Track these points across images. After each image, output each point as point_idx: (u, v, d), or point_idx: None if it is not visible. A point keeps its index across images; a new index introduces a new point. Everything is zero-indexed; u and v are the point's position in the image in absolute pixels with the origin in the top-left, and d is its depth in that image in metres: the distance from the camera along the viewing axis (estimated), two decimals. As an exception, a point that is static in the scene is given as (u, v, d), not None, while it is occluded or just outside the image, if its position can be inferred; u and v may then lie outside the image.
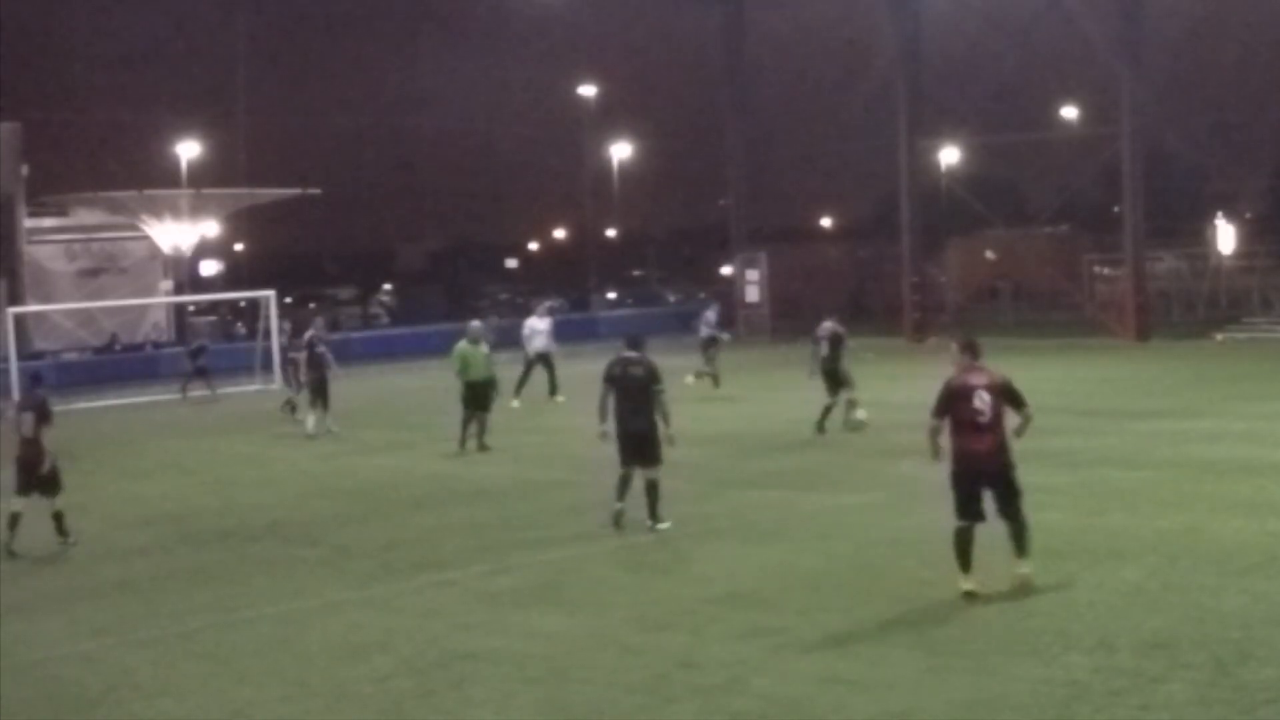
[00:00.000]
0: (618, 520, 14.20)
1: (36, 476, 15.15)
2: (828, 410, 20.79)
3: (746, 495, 15.56)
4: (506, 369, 21.64)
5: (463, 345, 21.20)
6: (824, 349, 21.14)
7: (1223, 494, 14.64)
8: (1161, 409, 22.35)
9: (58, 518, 15.28)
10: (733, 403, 24.33)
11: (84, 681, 10.15)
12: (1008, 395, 11.10)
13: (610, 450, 14.03)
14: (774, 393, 26.04)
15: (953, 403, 11.02)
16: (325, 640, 10.78)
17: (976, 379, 11.06)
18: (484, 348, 21.16)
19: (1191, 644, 9.39)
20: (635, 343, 14.60)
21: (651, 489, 14.15)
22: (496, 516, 15.66)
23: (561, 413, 24.53)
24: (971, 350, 11.26)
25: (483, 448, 20.56)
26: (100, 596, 12.76)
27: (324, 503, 17.37)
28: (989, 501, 11.13)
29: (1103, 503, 14.48)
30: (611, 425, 14.36)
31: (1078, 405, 23.39)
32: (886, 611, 10.63)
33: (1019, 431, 11.23)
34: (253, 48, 57.71)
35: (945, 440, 11.20)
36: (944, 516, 14.24)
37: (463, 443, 20.73)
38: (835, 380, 20.98)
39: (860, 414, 21.01)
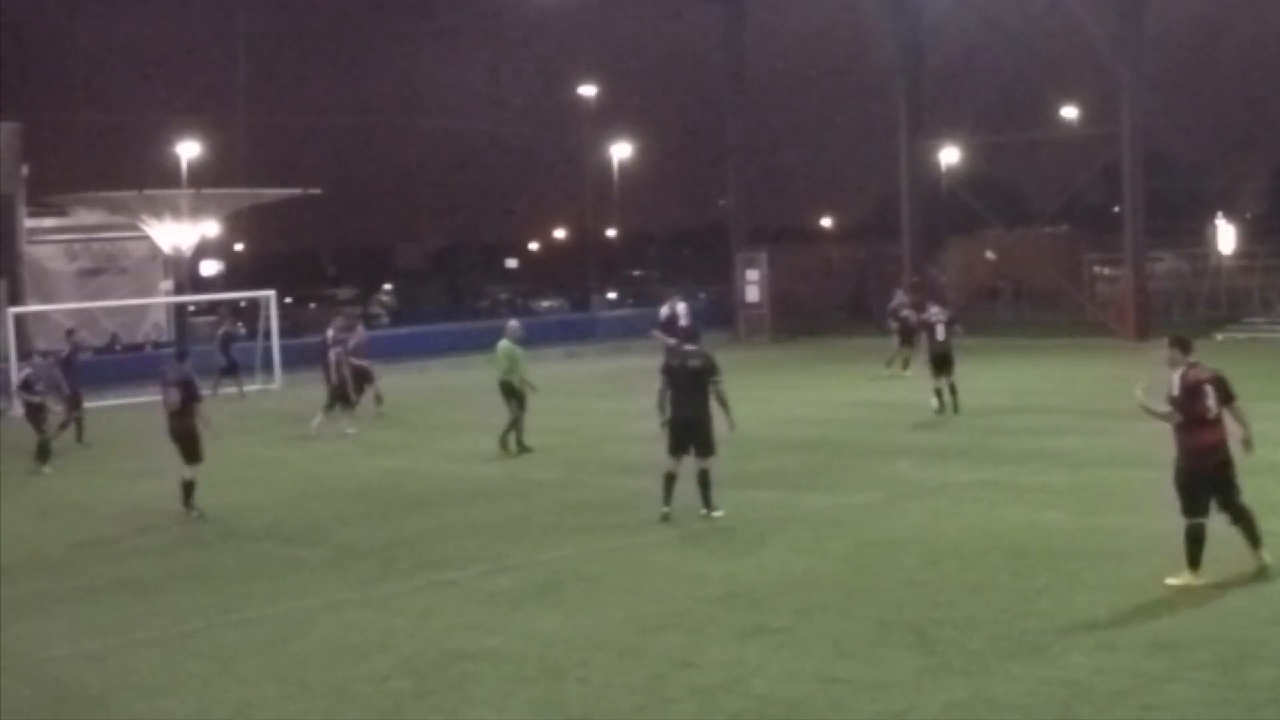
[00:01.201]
0: (666, 519, 14.34)
1: (195, 449, 16.46)
2: (940, 393, 22.06)
3: (745, 495, 15.55)
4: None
5: (511, 345, 20.65)
6: (940, 333, 22.33)
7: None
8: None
9: (187, 487, 16.40)
10: (732, 402, 24.28)
11: (85, 681, 10.15)
12: (1223, 390, 11.09)
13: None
14: (774, 392, 26.05)
15: (1188, 400, 10.99)
16: (325, 640, 10.78)
17: (1202, 374, 11.09)
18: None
19: (1193, 644, 9.39)
20: (693, 336, 15.28)
21: (704, 478, 14.38)
22: (496, 516, 15.66)
23: (561, 413, 24.50)
24: (1184, 347, 11.24)
25: (505, 447, 20.25)
26: (101, 596, 12.75)
27: (324, 503, 17.36)
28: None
29: (1103, 503, 14.48)
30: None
31: (1078, 405, 23.40)
32: (885, 611, 10.62)
33: (1245, 437, 11.20)
34: (253, 48, 57.81)
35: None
36: (940, 515, 14.29)
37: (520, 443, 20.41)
38: (947, 363, 22.17)
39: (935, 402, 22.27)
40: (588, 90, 64.42)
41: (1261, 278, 41.52)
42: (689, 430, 14.33)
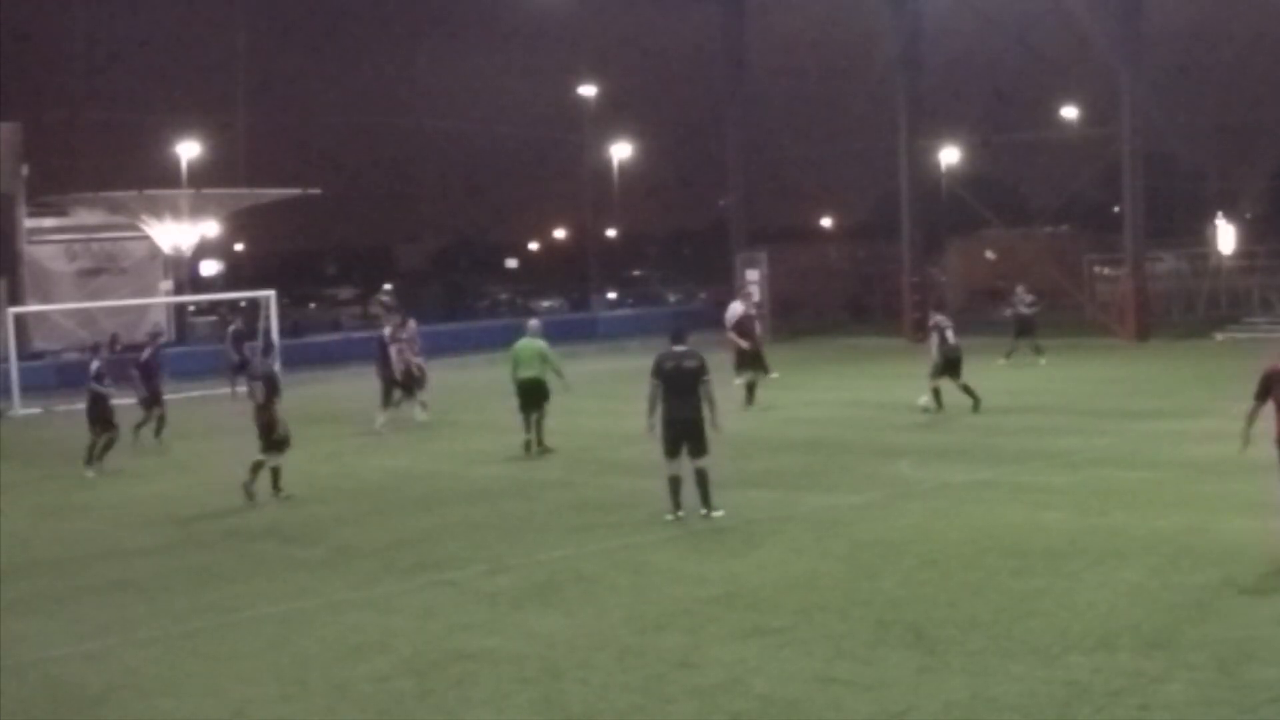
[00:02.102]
0: (680, 521, 14.35)
1: (272, 438, 17.20)
2: (938, 394, 22.40)
3: (745, 495, 15.56)
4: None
5: (544, 343, 20.62)
6: (951, 336, 22.70)
7: (1223, 494, 14.64)
8: (1161, 409, 22.35)
9: (274, 472, 17.31)
10: (732, 403, 24.31)
11: (85, 681, 10.15)
12: None
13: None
14: (774, 392, 26.03)
15: (1270, 387, 11.55)
16: (325, 640, 10.79)
17: None
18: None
19: (1192, 644, 9.39)
20: (681, 336, 15.01)
21: (703, 477, 14.41)
22: (496, 516, 15.67)
23: (561, 413, 24.50)
24: None
25: (542, 446, 20.25)
26: (101, 596, 12.76)
27: (324, 503, 17.36)
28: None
29: (1103, 503, 14.49)
30: (657, 420, 14.53)
31: (1078, 405, 23.42)
32: (884, 611, 10.62)
33: None
34: (253, 48, 57.71)
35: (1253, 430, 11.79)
36: (940, 515, 14.29)
37: (530, 443, 20.38)
38: (957, 366, 22.59)
39: (925, 400, 22.61)
40: (588, 90, 64.42)
41: (1261, 278, 41.53)
42: (685, 431, 14.36)
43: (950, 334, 22.71)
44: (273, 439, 17.25)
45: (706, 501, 14.45)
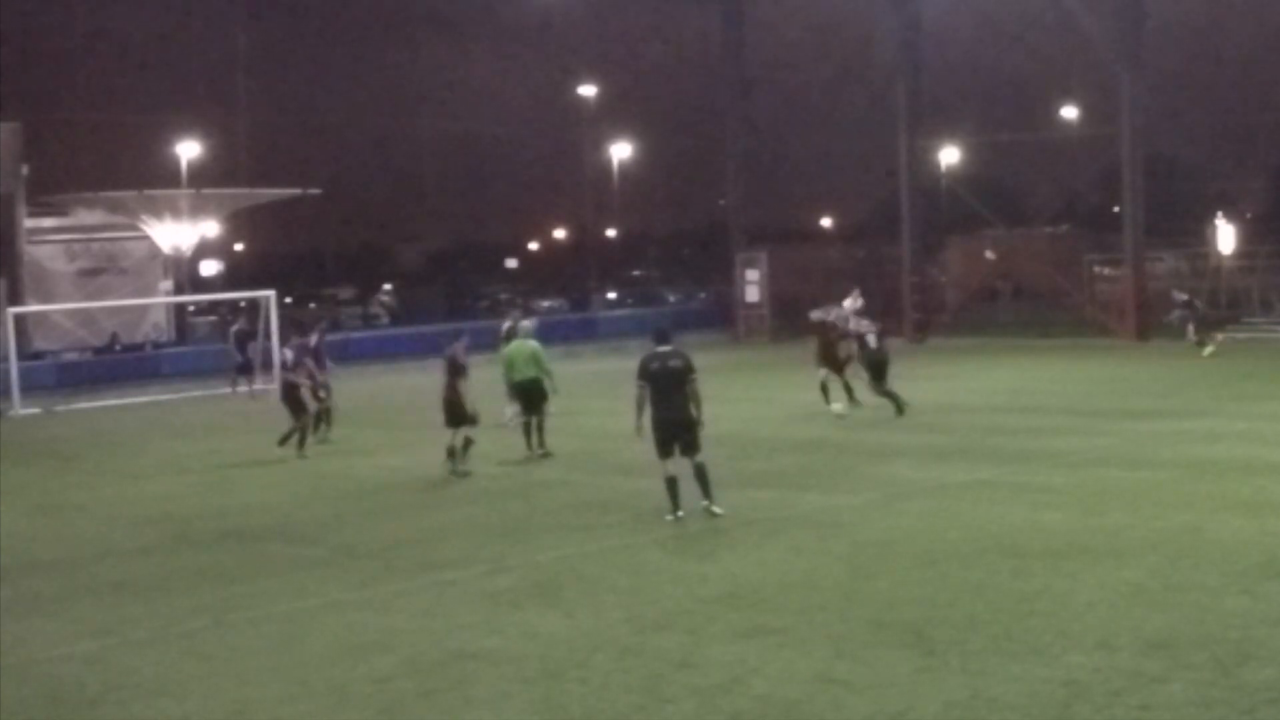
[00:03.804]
0: (679, 521, 14.39)
1: (456, 415, 18.22)
2: (894, 396, 22.28)
3: (744, 495, 15.56)
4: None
5: (536, 344, 20.50)
6: (873, 341, 22.65)
7: (1223, 494, 14.65)
8: (1161, 409, 22.35)
9: (461, 446, 18.24)
10: (732, 403, 24.35)
11: (84, 681, 10.15)
12: None
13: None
14: (774, 392, 26.08)
15: None
16: (326, 640, 10.79)
17: None
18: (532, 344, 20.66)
19: (1192, 644, 9.39)
20: (665, 336, 15.12)
21: (701, 471, 14.48)
22: (496, 516, 15.68)
23: (560, 413, 24.52)
24: None
25: (543, 448, 20.07)
26: (100, 596, 12.76)
27: (324, 503, 17.37)
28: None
29: (1103, 503, 14.49)
30: (645, 422, 14.60)
31: (1078, 405, 23.43)
32: (884, 611, 10.63)
33: None
34: (253, 48, 57.75)
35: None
36: (939, 515, 14.29)
37: (530, 446, 20.19)
38: (883, 369, 22.48)
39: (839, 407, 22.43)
40: (588, 90, 64.43)
41: (1261, 278, 41.52)
42: (676, 430, 14.44)
43: (873, 339, 22.67)
44: (458, 416, 18.16)
45: (707, 493, 14.49)
